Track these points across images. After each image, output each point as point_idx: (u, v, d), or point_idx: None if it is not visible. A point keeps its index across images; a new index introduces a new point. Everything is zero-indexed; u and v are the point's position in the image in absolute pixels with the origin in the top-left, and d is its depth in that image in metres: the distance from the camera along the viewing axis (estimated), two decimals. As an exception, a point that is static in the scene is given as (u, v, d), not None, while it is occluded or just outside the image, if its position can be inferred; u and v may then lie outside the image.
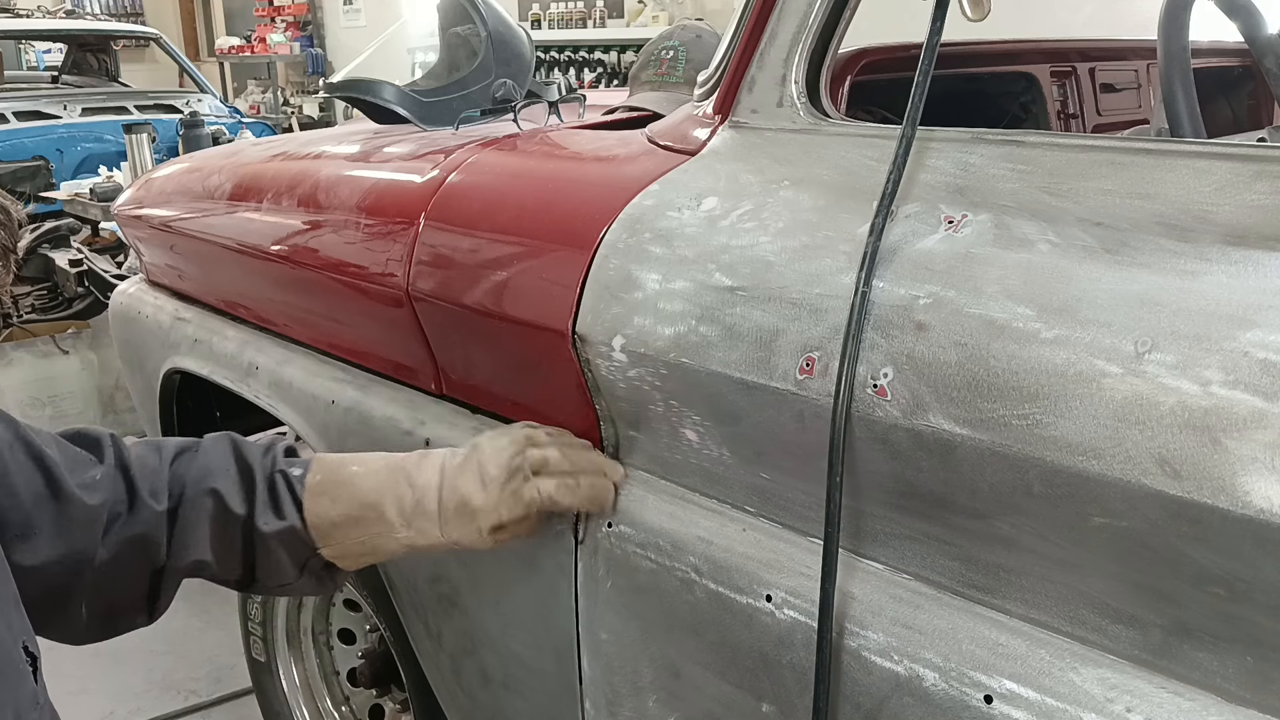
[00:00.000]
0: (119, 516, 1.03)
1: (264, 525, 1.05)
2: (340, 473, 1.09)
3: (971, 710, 0.79)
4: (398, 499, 1.06)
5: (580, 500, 1.06)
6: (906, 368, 0.80)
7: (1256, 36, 1.18)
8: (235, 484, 1.06)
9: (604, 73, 7.12)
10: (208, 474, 1.07)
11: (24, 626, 0.92)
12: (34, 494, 0.97)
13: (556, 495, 1.05)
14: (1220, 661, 0.70)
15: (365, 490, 1.07)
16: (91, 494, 1.01)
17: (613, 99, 1.88)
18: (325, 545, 1.07)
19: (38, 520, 0.97)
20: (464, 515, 1.05)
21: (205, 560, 1.06)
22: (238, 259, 1.61)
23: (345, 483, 1.08)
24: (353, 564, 1.11)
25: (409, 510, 1.06)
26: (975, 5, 0.91)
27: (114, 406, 3.82)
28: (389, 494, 1.07)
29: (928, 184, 0.88)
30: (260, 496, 1.06)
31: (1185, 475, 0.65)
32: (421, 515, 1.06)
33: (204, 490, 1.06)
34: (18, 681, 0.89)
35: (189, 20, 11.81)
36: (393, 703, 1.79)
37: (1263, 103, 1.97)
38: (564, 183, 1.24)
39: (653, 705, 1.08)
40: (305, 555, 1.08)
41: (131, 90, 6.52)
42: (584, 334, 1.05)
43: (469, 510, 1.05)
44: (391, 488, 1.07)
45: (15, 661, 0.89)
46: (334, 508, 1.07)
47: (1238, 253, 0.70)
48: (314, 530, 1.07)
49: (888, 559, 0.88)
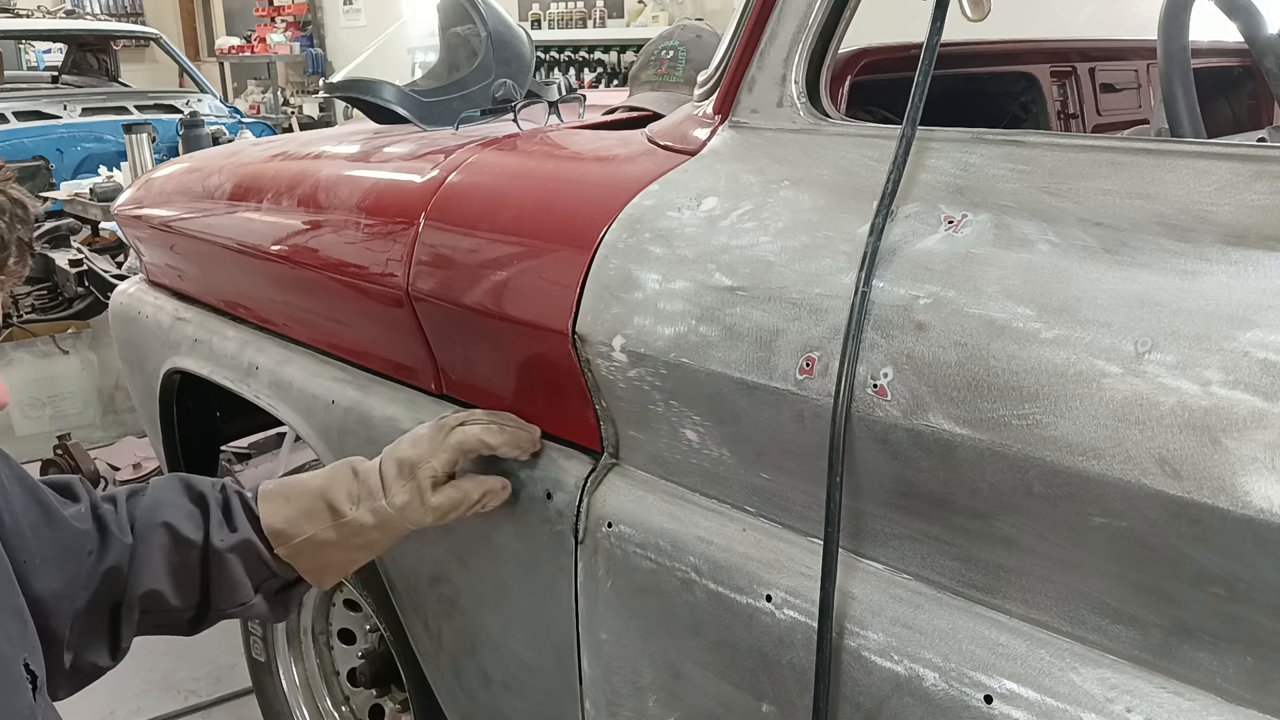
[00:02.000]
0: (93, 552, 1.06)
1: (219, 542, 1.08)
2: (292, 478, 1.14)
3: (971, 710, 0.79)
4: (346, 487, 1.10)
5: (506, 439, 1.11)
6: (906, 368, 0.80)
7: (1256, 36, 1.18)
8: (186, 513, 1.09)
9: (604, 73, 7.12)
10: (158, 507, 1.10)
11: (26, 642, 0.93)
12: (32, 523, 1.00)
13: (483, 435, 1.10)
14: (1220, 661, 0.70)
15: (315, 485, 1.11)
16: (79, 521, 1.05)
17: (613, 99, 1.87)
18: (279, 545, 1.10)
19: (38, 548, 1.00)
20: (403, 474, 1.09)
21: (159, 590, 1.07)
22: (238, 259, 1.61)
23: (296, 482, 1.13)
24: (307, 563, 1.11)
25: (356, 493, 1.10)
26: (975, 5, 0.91)
27: (114, 406, 3.82)
28: (338, 483, 1.11)
29: (928, 184, 0.88)
30: (214, 517, 1.10)
31: (1185, 475, 0.65)
32: (367, 494, 1.09)
33: (156, 523, 1.08)
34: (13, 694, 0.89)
35: (189, 20, 11.81)
36: (393, 703, 1.79)
37: (1263, 103, 1.97)
38: (564, 183, 1.24)
39: (653, 705, 1.08)
40: (262, 574, 1.11)
41: (131, 90, 6.52)
42: (584, 334, 1.05)
43: (406, 466, 1.09)
44: (339, 477, 1.11)
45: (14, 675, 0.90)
46: (287, 505, 1.10)
47: (1238, 253, 0.70)
48: (269, 532, 1.09)
49: (888, 559, 0.88)
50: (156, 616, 1.10)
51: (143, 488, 1.14)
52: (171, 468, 2.04)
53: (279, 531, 1.09)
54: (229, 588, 1.09)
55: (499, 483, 1.14)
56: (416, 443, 1.11)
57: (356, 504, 1.09)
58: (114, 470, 3.46)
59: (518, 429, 1.13)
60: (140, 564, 1.07)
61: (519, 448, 1.13)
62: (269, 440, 3.46)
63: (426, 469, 1.09)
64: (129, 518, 1.10)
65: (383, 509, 1.09)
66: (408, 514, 1.09)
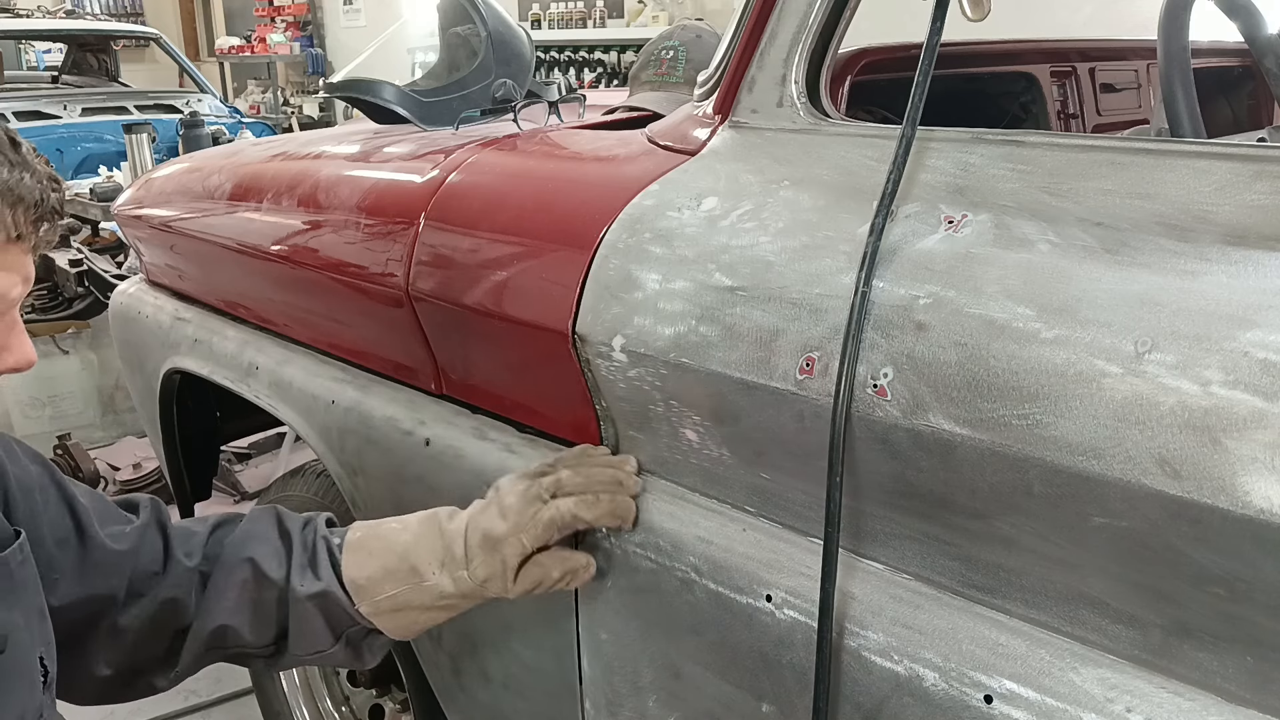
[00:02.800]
0: (155, 575, 1.05)
1: (300, 588, 1.06)
2: (378, 528, 1.10)
3: (971, 710, 0.79)
4: (430, 548, 1.06)
5: (601, 514, 1.03)
6: (906, 368, 0.80)
7: (1256, 36, 1.18)
8: (273, 551, 1.08)
9: (604, 73, 7.12)
10: (248, 541, 1.09)
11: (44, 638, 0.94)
12: (59, 538, 1.00)
13: (576, 510, 1.02)
14: (1220, 661, 0.70)
15: (400, 542, 1.07)
16: (117, 541, 1.03)
17: (613, 99, 1.87)
18: (361, 602, 1.06)
19: (60, 562, 1.00)
20: (488, 548, 1.03)
21: (230, 625, 1.06)
22: (238, 259, 1.61)
23: (382, 536, 1.09)
24: (389, 623, 1.08)
25: (440, 557, 1.05)
26: (975, 5, 0.91)
27: (114, 406, 3.82)
28: (423, 544, 1.06)
29: (928, 184, 0.88)
30: (297, 560, 1.07)
31: (1185, 475, 0.65)
32: (451, 560, 1.05)
33: (241, 558, 1.07)
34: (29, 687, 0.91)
35: (189, 20, 11.81)
36: (393, 703, 1.79)
37: (1263, 103, 1.97)
38: (564, 183, 1.24)
39: (653, 705, 1.08)
40: (344, 623, 1.08)
41: (131, 90, 6.52)
42: (584, 334, 1.05)
43: (491, 541, 1.03)
44: (425, 538, 1.07)
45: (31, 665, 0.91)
46: (371, 561, 1.07)
47: (1238, 253, 0.70)
48: (350, 586, 1.07)
49: (888, 559, 0.88)
50: (230, 650, 1.09)
51: (237, 517, 1.13)
52: (171, 468, 2.04)
53: (361, 586, 1.06)
54: (308, 634, 1.08)
55: (583, 560, 1.07)
56: (505, 514, 1.04)
57: (440, 569, 1.05)
58: (114, 470, 3.47)
59: (613, 498, 1.04)
60: (216, 596, 1.07)
61: (618, 519, 1.04)
62: (269, 440, 3.47)
63: (513, 546, 1.03)
64: (216, 545, 1.09)
65: (464, 579, 1.04)
66: (489, 588, 1.05)
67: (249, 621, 1.07)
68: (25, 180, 0.86)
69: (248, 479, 3.45)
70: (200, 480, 2.08)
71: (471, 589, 1.05)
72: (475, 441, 1.25)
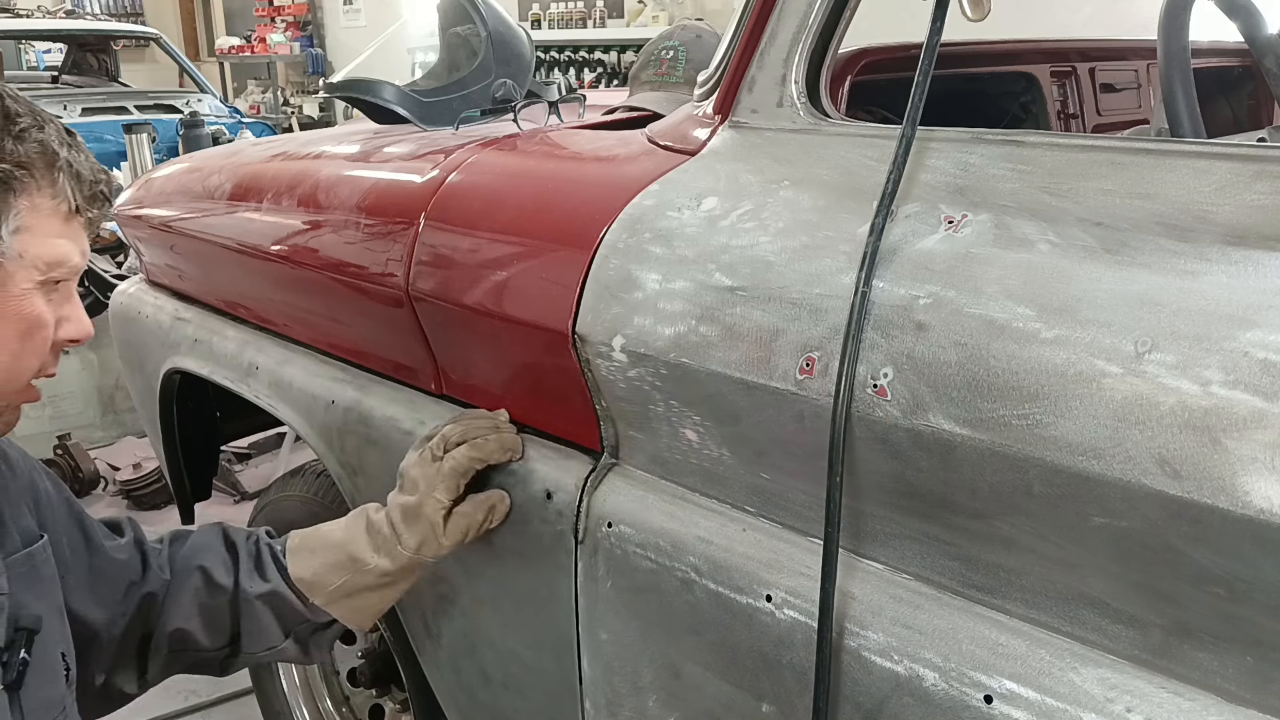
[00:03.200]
0: (134, 583, 1.13)
1: (249, 588, 1.15)
2: (316, 531, 1.20)
3: (971, 710, 0.79)
4: (363, 536, 1.16)
5: (491, 450, 1.14)
6: (906, 368, 0.80)
7: (1256, 36, 1.18)
8: (221, 560, 1.16)
9: (604, 73, 7.12)
10: (196, 552, 1.17)
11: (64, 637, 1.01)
12: (72, 545, 1.07)
13: (470, 453, 1.13)
14: (1220, 661, 0.70)
15: (337, 538, 1.17)
16: (118, 552, 1.12)
17: (613, 99, 1.87)
18: (314, 596, 1.16)
19: (74, 568, 1.06)
20: (410, 518, 1.13)
21: (188, 630, 1.14)
22: (238, 259, 1.61)
23: (320, 535, 1.19)
24: (344, 609, 1.17)
25: (374, 542, 1.15)
26: (975, 5, 0.91)
27: (114, 406, 3.81)
28: (356, 534, 1.16)
29: (928, 184, 0.88)
30: (244, 566, 1.16)
31: (1185, 475, 0.65)
32: (383, 541, 1.14)
33: (192, 567, 1.16)
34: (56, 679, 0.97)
35: (189, 20, 11.81)
36: (393, 703, 1.79)
37: (1263, 103, 1.97)
38: (564, 183, 1.24)
39: (653, 705, 1.08)
40: (293, 620, 1.17)
41: (131, 90, 6.53)
42: (584, 334, 1.05)
43: (411, 511, 1.13)
44: (357, 529, 1.17)
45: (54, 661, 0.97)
46: (313, 558, 1.16)
47: (1238, 253, 0.70)
48: (300, 584, 1.16)
49: (888, 559, 0.88)
50: (187, 655, 1.17)
51: (187, 532, 1.21)
52: (171, 468, 2.04)
53: (309, 583, 1.16)
54: (259, 633, 1.16)
55: (497, 495, 1.17)
56: (414, 485, 1.14)
57: (376, 552, 1.14)
58: (114, 470, 3.47)
59: (495, 433, 1.15)
60: (173, 602, 1.14)
61: (507, 450, 1.16)
62: (269, 440, 3.47)
63: (431, 505, 1.13)
64: (171, 559, 1.17)
65: (400, 554, 1.14)
66: (424, 552, 1.14)
67: (202, 626, 1.15)
68: (82, 160, 0.94)
69: (248, 479, 3.45)
70: (200, 480, 2.08)
71: (409, 560, 1.14)
72: (475, 441, 1.25)
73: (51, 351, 0.94)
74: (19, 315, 0.89)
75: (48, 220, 0.90)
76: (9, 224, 0.87)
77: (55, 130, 0.93)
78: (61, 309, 0.94)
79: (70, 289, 0.95)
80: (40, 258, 0.89)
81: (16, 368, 0.91)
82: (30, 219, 0.88)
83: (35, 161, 0.89)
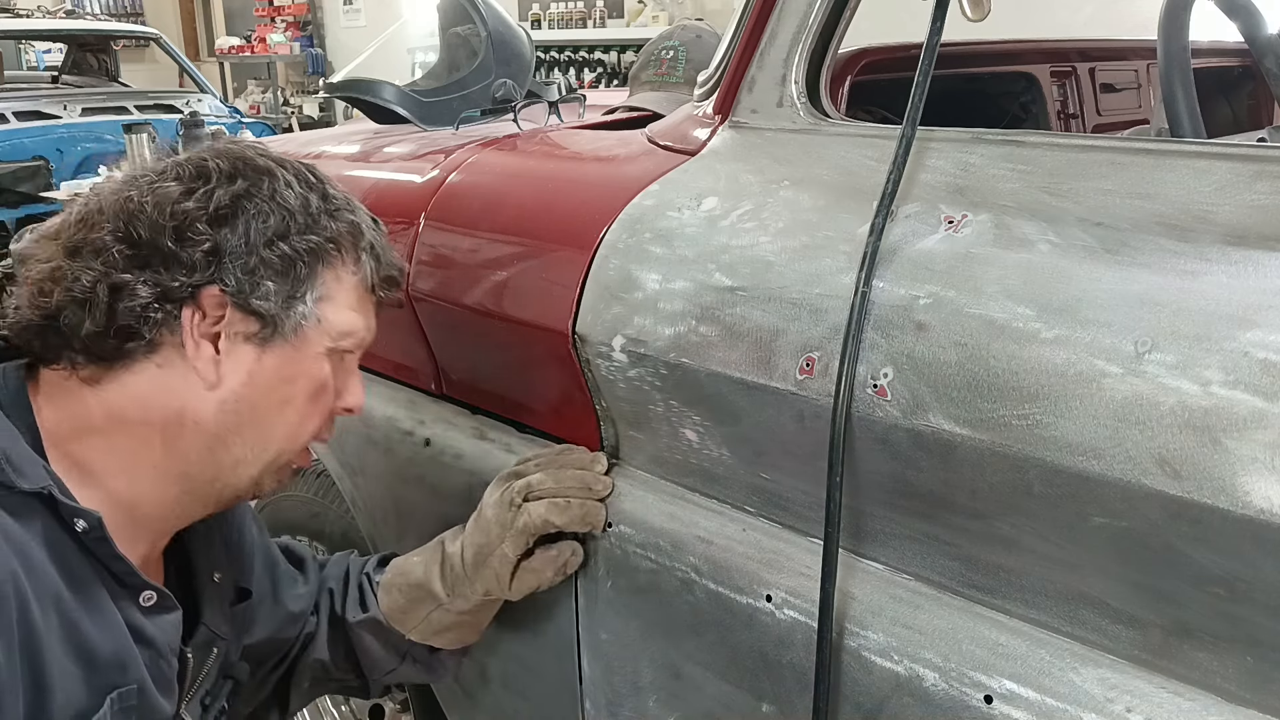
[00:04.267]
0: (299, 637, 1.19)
1: (351, 618, 1.18)
2: (402, 564, 1.18)
3: (971, 710, 0.79)
4: (440, 574, 1.13)
5: (571, 519, 1.07)
6: (906, 368, 0.80)
7: (1256, 36, 1.17)
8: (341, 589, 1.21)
9: (604, 73, 7.11)
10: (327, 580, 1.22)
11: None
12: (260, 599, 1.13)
13: (548, 515, 1.07)
14: (1220, 661, 0.70)
15: (416, 574, 1.15)
16: (295, 604, 1.17)
17: (613, 99, 1.87)
18: (406, 631, 1.16)
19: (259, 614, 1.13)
20: (478, 564, 1.10)
21: (324, 660, 1.19)
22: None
23: (404, 572, 1.17)
24: (441, 641, 1.17)
25: (449, 579, 1.12)
26: (975, 5, 0.91)
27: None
28: (433, 570, 1.14)
29: (928, 184, 0.88)
30: (351, 595, 1.20)
31: (1185, 475, 0.65)
32: (457, 579, 1.12)
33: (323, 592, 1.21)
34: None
35: (189, 20, 11.80)
36: (393, 703, 1.79)
37: (1263, 103, 1.97)
38: (564, 183, 1.24)
39: (653, 705, 1.08)
40: (402, 644, 1.18)
41: (131, 90, 6.52)
42: (584, 334, 1.05)
43: (481, 557, 1.09)
44: (434, 564, 1.14)
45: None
46: (399, 596, 1.16)
47: (1238, 253, 0.70)
48: (391, 620, 1.17)
49: (888, 559, 0.88)
50: (329, 684, 1.23)
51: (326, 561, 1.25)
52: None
53: (397, 619, 1.16)
54: (373, 661, 1.19)
55: (569, 550, 1.11)
56: (488, 528, 1.09)
57: (451, 591, 1.12)
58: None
59: (583, 504, 1.08)
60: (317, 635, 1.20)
61: (587, 524, 1.08)
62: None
63: (499, 558, 1.08)
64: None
65: (472, 595, 1.12)
66: (493, 597, 1.12)
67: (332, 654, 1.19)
68: (384, 244, 1.00)
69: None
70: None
71: (481, 601, 1.12)
72: (475, 442, 1.25)
73: (329, 417, 0.99)
74: (309, 376, 0.94)
75: (347, 293, 0.96)
76: (314, 291, 0.93)
77: (365, 215, 0.99)
78: (342, 379, 0.99)
79: (353, 363, 1.00)
80: (335, 326, 0.94)
81: (301, 428, 0.96)
82: (332, 290, 0.94)
83: (344, 239, 0.95)
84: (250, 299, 0.89)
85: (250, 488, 0.96)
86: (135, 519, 0.90)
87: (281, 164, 0.94)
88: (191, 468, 0.91)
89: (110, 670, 0.85)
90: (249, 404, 0.91)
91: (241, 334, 0.90)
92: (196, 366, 0.88)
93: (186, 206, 0.88)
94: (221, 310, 0.88)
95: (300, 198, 0.92)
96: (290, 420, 0.94)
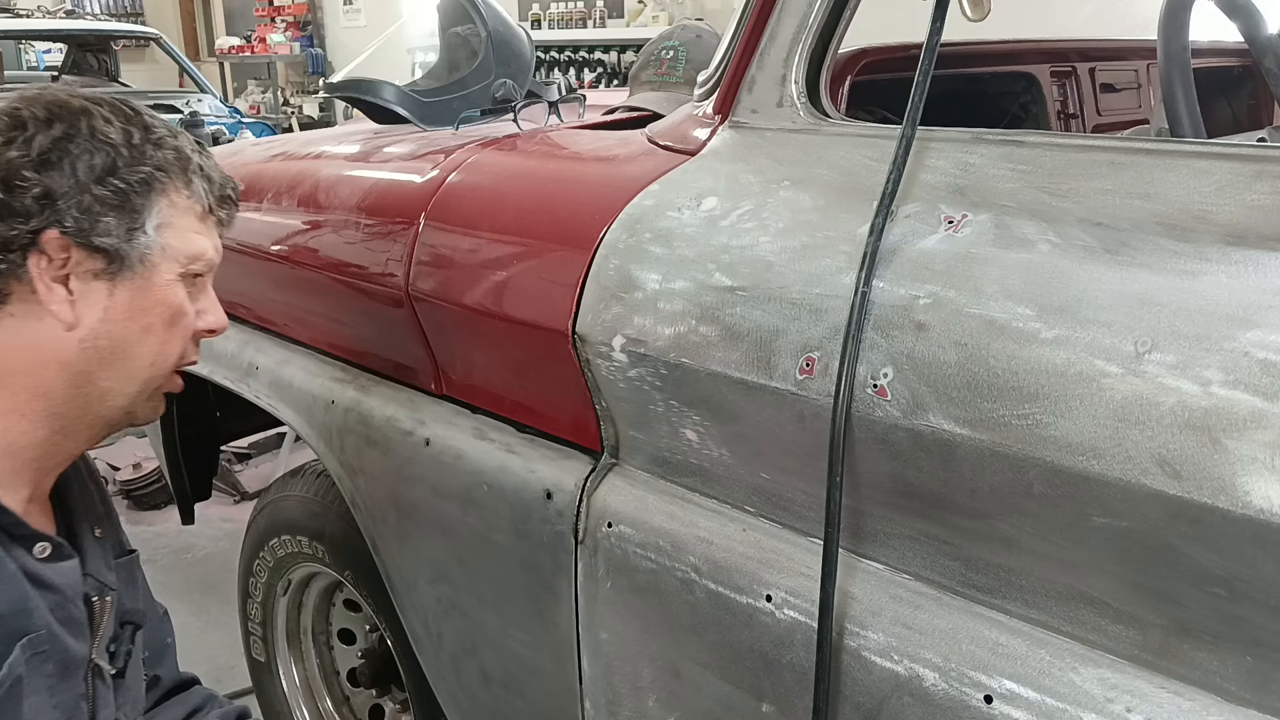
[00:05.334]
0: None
1: None
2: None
3: (971, 710, 0.79)
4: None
5: None
6: (906, 368, 0.80)
7: (1256, 36, 1.17)
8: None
9: (604, 73, 7.11)
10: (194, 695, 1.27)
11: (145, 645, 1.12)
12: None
13: None
14: (1220, 661, 0.70)
15: None
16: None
17: (613, 99, 1.87)
18: None
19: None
20: None
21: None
22: (238, 259, 1.61)
23: None
24: None
25: None
26: (975, 5, 0.91)
27: (114, 406, 3.81)
28: None
29: (928, 184, 0.88)
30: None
31: (1185, 475, 0.65)
32: None
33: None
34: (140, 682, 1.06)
35: (189, 20, 11.80)
36: (393, 703, 1.79)
37: (1263, 103, 1.97)
38: (564, 183, 1.24)
39: (653, 705, 1.08)
40: None
41: (131, 90, 6.52)
42: (584, 334, 1.05)
43: None
44: None
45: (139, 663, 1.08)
46: None
47: (1238, 253, 0.70)
48: None
49: (888, 559, 0.88)
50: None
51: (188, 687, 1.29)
52: (171, 468, 2.04)
53: None
54: None
55: None
56: None
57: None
58: (114, 470, 3.46)
59: None
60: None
61: None
62: (269, 440, 3.46)
63: None
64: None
65: None
66: None
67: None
68: (212, 166, 1.03)
69: (248, 479, 3.45)
70: (200, 480, 2.08)
71: None
72: (475, 441, 1.25)
73: (193, 340, 1.02)
74: (164, 303, 0.97)
75: (185, 218, 0.98)
76: (152, 220, 0.95)
77: (188, 140, 1.01)
78: (199, 301, 1.01)
79: (206, 283, 1.02)
80: (181, 251, 0.97)
81: (164, 353, 0.98)
82: (170, 216, 0.97)
83: (173, 166, 0.98)
84: (91, 236, 0.91)
85: (123, 418, 1.01)
86: (13, 465, 0.93)
87: (97, 102, 0.97)
88: (61, 407, 0.94)
89: (15, 618, 0.89)
90: (109, 338, 0.94)
91: (90, 272, 0.92)
92: (52, 309, 0.91)
93: (9, 156, 0.90)
94: (65, 252, 0.91)
95: (122, 132, 0.95)
96: (152, 348, 0.97)
